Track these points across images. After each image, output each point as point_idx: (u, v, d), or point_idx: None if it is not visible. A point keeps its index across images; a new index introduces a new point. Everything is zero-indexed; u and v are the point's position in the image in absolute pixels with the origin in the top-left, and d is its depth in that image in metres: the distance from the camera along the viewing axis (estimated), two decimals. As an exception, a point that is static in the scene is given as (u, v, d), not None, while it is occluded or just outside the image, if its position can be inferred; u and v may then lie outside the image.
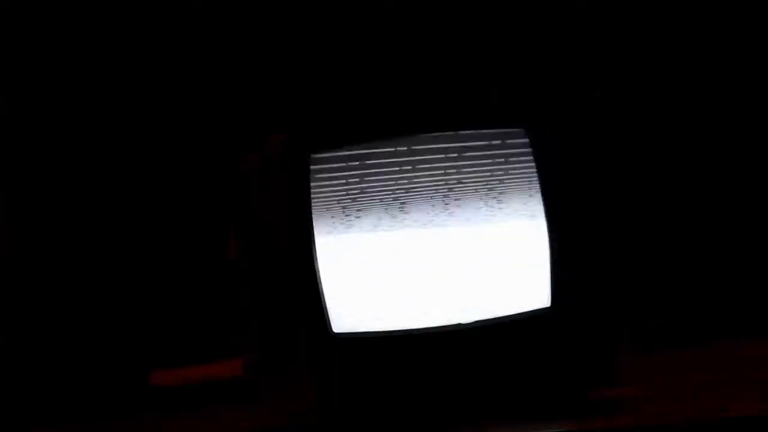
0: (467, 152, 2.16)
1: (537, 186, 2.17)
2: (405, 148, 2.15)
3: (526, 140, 2.16)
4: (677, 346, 3.09)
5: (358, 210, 2.14)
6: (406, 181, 2.15)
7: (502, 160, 2.17)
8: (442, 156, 2.16)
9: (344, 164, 2.14)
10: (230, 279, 2.34)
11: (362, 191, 2.14)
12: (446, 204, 2.16)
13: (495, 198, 2.17)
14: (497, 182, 2.17)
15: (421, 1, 3.25)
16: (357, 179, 2.14)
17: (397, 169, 2.15)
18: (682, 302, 3.35)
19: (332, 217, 2.13)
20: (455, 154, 2.16)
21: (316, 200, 2.13)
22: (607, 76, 3.31)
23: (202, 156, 3.18)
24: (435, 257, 2.15)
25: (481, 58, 3.28)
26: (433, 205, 2.15)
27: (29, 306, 3.12)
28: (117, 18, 3.18)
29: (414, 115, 2.16)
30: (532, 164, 2.17)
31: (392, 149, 2.15)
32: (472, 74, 3.25)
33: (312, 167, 2.12)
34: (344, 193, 2.14)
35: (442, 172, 2.16)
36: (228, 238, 2.29)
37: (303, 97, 3.20)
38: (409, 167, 2.15)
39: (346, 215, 2.14)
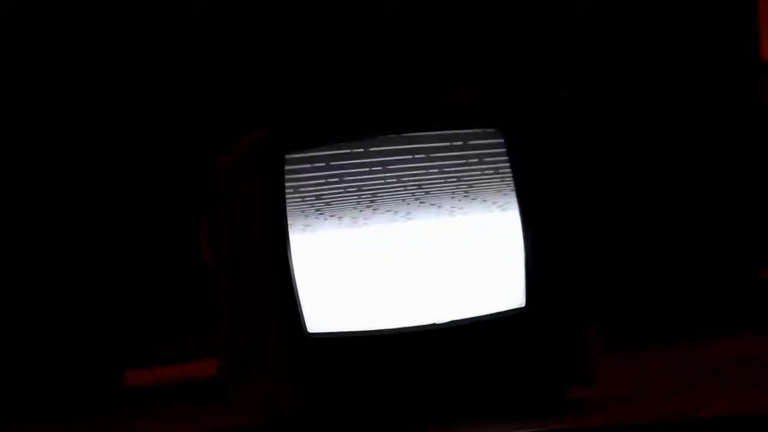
0: (441, 152, 2.16)
1: (511, 186, 2.17)
2: (379, 148, 2.15)
3: (500, 139, 2.17)
4: (649, 347, 3.10)
5: (333, 209, 2.14)
6: (380, 181, 2.15)
7: (477, 159, 2.17)
8: (417, 155, 2.16)
9: (318, 164, 2.14)
10: (204, 278, 2.34)
11: (337, 190, 2.14)
12: (421, 203, 2.15)
13: (472, 198, 2.17)
14: (473, 182, 2.17)
15: (397, 4, 3.26)
16: (331, 178, 2.14)
17: (372, 168, 2.15)
18: (655, 303, 3.36)
19: (306, 216, 2.13)
20: (429, 154, 2.16)
21: (290, 199, 2.12)
22: (579, 77, 3.32)
23: (176, 155, 3.17)
24: (410, 257, 2.14)
25: (455, 59, 3.28)
26: (408, 205, 2.15)
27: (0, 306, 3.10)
28: (95, 16, 3.17)
29: (388, 115, 2.16)
30: (507, 163, 2.17)
31: (366, 149, 2.15)
32: (447, 75, 3.25)
33: (286, 166, 2.12)
34: (318, 192, 2.14)
35: (417, 171, 2.16)
36: (201, 238, 2.28)
37: (277, 97, 3.20)
38: (385, 167, 2.15)
39: (321, 214, 2.14)
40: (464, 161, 2.17)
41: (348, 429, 2.13)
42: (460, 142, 2.17)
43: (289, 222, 2.12)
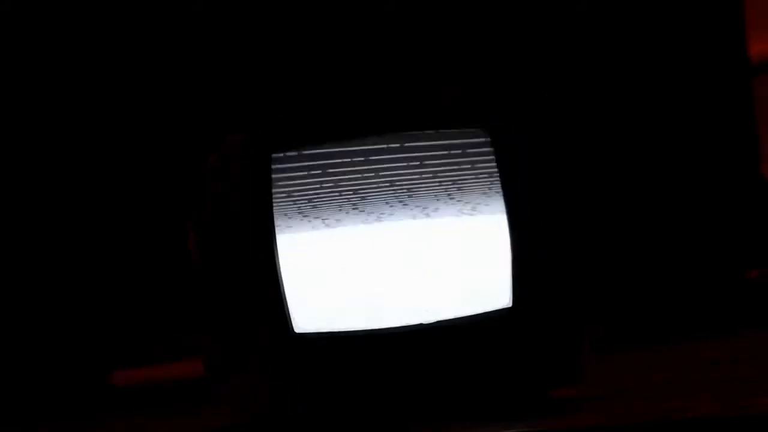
0: (427, 151, 2.15)
1: (498, 185, 2.15)
2: (365, 148, 2.14)
3: (486, 139, 2.16)
4: (638, 347, 3.10)
5: (319, 209, 2.13)
6: (366, 180, 2.14)
7: (462, 158, 2.16)
8: (404, 155, 2.15)
9: (304, 163, 2.13)
10: (191, 279, 2.33)
11: (323, 190, 2.13)
12: (407, 203, 2.14)
13: (458, 197, 2.16)
14: (461, 182, 2.16)
15: (395, 4, 3.26)
16: (318, 178, 2.13)
17: (358, 168, 2.14)
18: (644, 302, 3.36)
19: (293, 215, 2.12)
20: (415, 153, 2.15)
21: (276, 198, 2.12)
22: (568, 76, 3.31)
23: (161, 154, 3.18)
24: (396, 256, 2.13)
25: (441, 59, 3.28)
26: (393, 204, 2.14)
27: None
28: (84, 18, 3.17)
29: (375, 115, 2.15)
30: (493, 163, 2.16)
31: (351, 149, 2.14)
32: (433, 75, 3.24)
33: (272, 166, 2.11)
34: (305, 191, 2.13)
35: (404, 171, 2.15)
36: (189, 237, 2.28)
37: (264, 97, 3.19)
38: (370, 166, 2.14)
39: (307, 214, 2.13)
40: (451, 161, 2.16)
41: (334, 428, 2.12)
42: (447, 142, 2.16)
43: (275, 221, 2.11)
